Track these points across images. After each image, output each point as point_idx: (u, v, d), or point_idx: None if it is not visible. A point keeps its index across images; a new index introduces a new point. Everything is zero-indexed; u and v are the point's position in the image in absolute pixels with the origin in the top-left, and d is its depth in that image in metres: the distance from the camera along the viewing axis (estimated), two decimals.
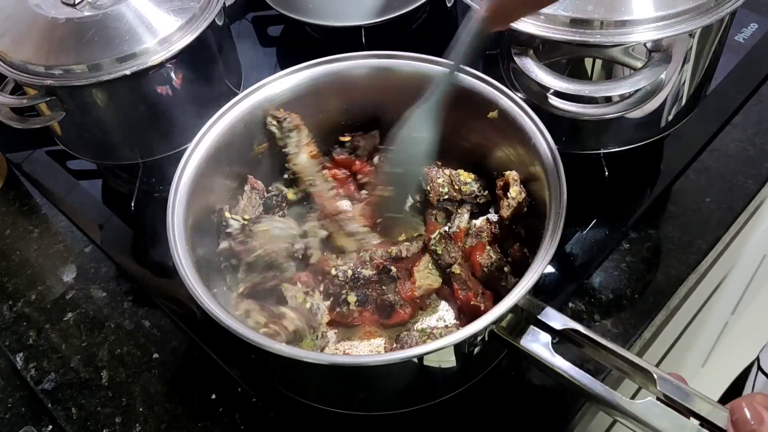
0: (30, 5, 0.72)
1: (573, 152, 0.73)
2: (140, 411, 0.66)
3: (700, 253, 0.73)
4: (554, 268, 0.72)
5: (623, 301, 0.69)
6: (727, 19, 0.66)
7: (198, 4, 0.73)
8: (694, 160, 0.81)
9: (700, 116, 0.79)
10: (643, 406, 0.47)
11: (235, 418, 0.64)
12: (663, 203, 0.77)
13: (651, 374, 0.48)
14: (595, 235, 0.74)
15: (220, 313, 0.53)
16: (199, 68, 0.76)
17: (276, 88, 0.70)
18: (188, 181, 0.63)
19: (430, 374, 0.57)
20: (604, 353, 0.52)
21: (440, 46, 0.73)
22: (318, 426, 0.63)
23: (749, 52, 0.90)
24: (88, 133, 0.77)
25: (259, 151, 0.72)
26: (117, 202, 0.84)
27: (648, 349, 0.80)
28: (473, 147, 0.73)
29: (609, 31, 0.62)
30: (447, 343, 0.50)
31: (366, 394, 0.60)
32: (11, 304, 0.76)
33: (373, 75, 0.71)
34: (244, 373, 0.67)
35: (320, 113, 0.74)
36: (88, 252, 0.80)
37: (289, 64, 0.71)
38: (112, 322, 0.73)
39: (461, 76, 0.67)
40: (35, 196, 0.88)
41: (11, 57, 0.71)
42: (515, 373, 0.65)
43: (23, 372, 0.70)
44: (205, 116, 0.66)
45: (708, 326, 1.38)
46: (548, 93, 0.65)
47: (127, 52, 0.69)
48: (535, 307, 0.53)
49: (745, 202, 0.77)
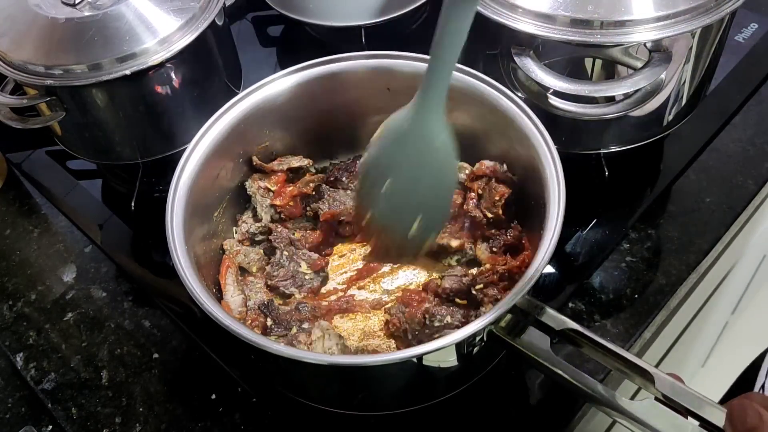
0: (30, 5, 0.72)
1: (573, 152, 0.73)
2: (140, 411, 0.66)
3: (700, 253, 0.73)
4: (554, 268, 0.72)
5: (623, 301, 0.69)
6: (727, 19, 0.66)
7: (198, 4, 0.73)
8: (694, 160, 0.81)
9: (700, 116, 0.79)
10: (643, 407, 0.47)
11: (235, 418, 0.64)
12: (663, 203, 0.77)
13: (650, 374, 0.48)
14: (595, 235, 0.74)
15: (219, 313, 0.53)
16: (199, 68, 0.76)
17: (276, 88, 0.70)
18: (188, 181, 0.63)
19: (430, 374, 0.57)
20: (604, 353, 0.52)
21: None
22: (318, 426, 0.63)
23: (749, 52, 0.90)
24: (88, 133, 0.77)
25: (259, 151, 0.72)
26: (117, 202, 0.84)
27: (648, 349, 0.80)
28: (472, 147, 0.73)
29: (609, 31, 0.62)
30: (446, 343, 0.50)
31: (365, 394, 0.60)
32: (11, 304, 0.76)
33: (373, 75, 0.71)
34: (244, 373, 0.67)
35: (320, 113, 0.74)
36: (88, 252, 0.80)
37: (289, 64, 0.70)
38: (112, 322, 0.73)
39: (459, 75, 0.66)
40: (35, 196, 0.88)
41: (11, 57, 0.71)
42: (515, 373, 0.65)
43: (23, 372, 0.70)
44: (205, 116, 0.66)
45: (708, 326, 1.38)
46: (548, 93, 0.65)
47: (127, 52, 0.69)
48: (534, 308, 0.53)
49: (745, 202, 0.77)
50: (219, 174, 0.68)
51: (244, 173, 0.72)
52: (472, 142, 0.72)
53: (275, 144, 0.74)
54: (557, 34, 0.62)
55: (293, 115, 0.72)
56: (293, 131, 0.74)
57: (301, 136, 0.75)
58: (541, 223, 0.57)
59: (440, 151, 0.54)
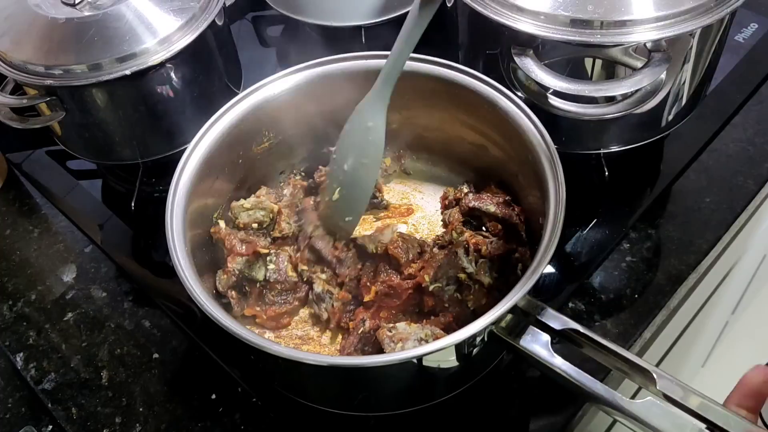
0: (30, 5, 0.72)
1: (573, 152, 0.73)
2: (140, 411, 0.66)
3: (700, 253, 0.73)
4: (554, 268, 0.72)
5: (623, 301, 0.69)
6: (727, 19, 0.66)
7: (198, 4, 0.73)
8: (694, 160, 0.81)
9: (700, 116, 0.79)
10: (643, 406, 0.47)
11: (235, 418, 0.64)
12: (663, 203, 0.77)
13: (651, 374, 0.48)
14: (595, 235, 0.74)
15: (219, 314, 0.53)
16: (199, 68, 0.76)
17: (276, 88, 0.70)
18: (187, 181, 0.63)
19: (430, 375, 0.57)
20: (604, 353, 0.52)
21: (440, 46, 0.73)
22: (318, 426, 0.63)
23: (749, 52, 0.90)
24: (88, 133, 0.77)
25: (259, 151, 0.72)
26: (117, 202, 0.84)
27: (648, 349, 0.80)
28: (472, 147, 0.73)
29: (609, 31, 0.62)
30: (447, 343, 0.50)
31: (365, 394, 0.60)
32: (11, 304, 0.76)
33: (373, 75, 0.71)
34: (244, 373, 0.67)
35: (320, 114, 0.74)
36: (88, 252, 0.80)
37: (289, 64, 0.71)
38: (112, 322, 0.73)
39: (443, 71, 0.68)
40: (35, 196, 0.88)
41: (11, 57, 0.71)
42: (515, 373, 0.65)
43: (23, 372, 0.70)
44: (205, 116, 0.66)
45: (708, 326, 1.38)
46: (548, 93, 0.65)
47: (127, 52, 0.69)
48: (534, 308, 0.53)
49: (745, 202, 0.77)
50: (219, 174, 0.68)
51: (244, 173, 0.72)
52: (472, 142, 0.73)
53: (275, 144, 0.74)
54: (557, 34, 0.62)
55: (293, 116, 0.72)
56: (293, 131, 0.74)
57: (301, 137, 0.75)
58: (541, 223, 0.57)
59: (371, 131, 0.62)
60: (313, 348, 0.67)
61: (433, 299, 0.64)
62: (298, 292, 0.68)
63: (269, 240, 0.70)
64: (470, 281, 0.64)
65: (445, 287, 0.64)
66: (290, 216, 0.71)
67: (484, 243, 0.65)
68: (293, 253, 0.69)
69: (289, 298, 0.68)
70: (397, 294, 0.64)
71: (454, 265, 0.64)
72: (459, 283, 0.64)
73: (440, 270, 0.64)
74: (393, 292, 0.64)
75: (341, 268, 0.67)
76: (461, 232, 0.68)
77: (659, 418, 0.47)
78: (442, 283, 0.64)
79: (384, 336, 0.58)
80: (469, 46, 0.75)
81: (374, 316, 0.65)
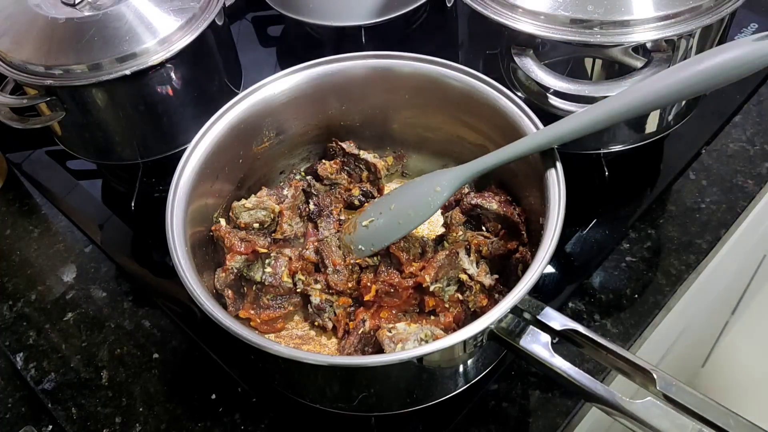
0: (30, 5, 0.72)
1: (573, 152, 0.73)
2: (140, 411, 0.66)
3: (700, 253, 0.73)
4: (554, 268, 0.72)
5: (623, 301, 0.69)
6: (727, 19, 0.66)
7: (198, 4, 0.74)
8: (694, 160, 0.81)
9: (700, 116, 0.79)
10: (643, 406, 0.47)
11: (235, 418, 0.64)
12: (663, 203, 0.77)
13: (651, 374, 0.48)
14: (595, 235, 0.74)
15: (219, 314, 0.53)
16: (199, 68, 0.76)
17: (276, 88, 0.70)
18: (187, 181, 0.63)
19: (430, 375, 0.57)
20: (604, 353, 0.52)
21: (440, 46, 0.73)
22: (318, 426, 0.63)
23: None
24: (88, 133, 0.77)
25: (259, 150, 0.72)
26: (117, 202, 0.84)
27: (648, 350, 0.80)
28: (472, 147, 0.73)
29: (609, 31, 0.62)
30: (447, 343, 0.50)
31: (365, 394, 0.60)
32: (11, 304, 0.76)
33: (373, 75, 0.71)
34: (244, 373, 0.67)
35: (320, 114, 0.74)
36: (88, 252, 0.80)
37: (289, 64, 0.70)
38: (112, 322, 0.73)
39: (443, 70, 0.68)
40: (35, 196, 0.88)
41: (11, 57, 0.71)
42: (515, 373, 0.65)
43: (23, 372, 0.70)
44: (205, 116, 0.66)
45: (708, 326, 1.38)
46: (548, 93, 0.65)
47: (127, 52, 0.69)
48: (534, 308, 0.53)
49: (745, 202, 0.77)
50: (219, 174, 0.68)
51: (245, 173, 0.72)
52: (472, 142, 0.72)
53: (275, 144, 0.74)
54: (557, 34, 0.62)
55: (293, 115, 0.72)
56: (293, 131, 0.74)
57: (301, 136, 0.75)
58: (541, 223, 0.57)
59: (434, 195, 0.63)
60: (313, 348, 0.67)
61: (433, 299, 0.64)
62: (293, 297, 0.68)
63: (270, 240, 0.70)
64: (471, 282, 0.64)
65: (445, 288, 0.64)
66: (292, 218, 0.71)
67: (484, 243, 0.66)
68: (294, 257, 0.68)
69: (284, 302, 0.67)
70: (398, 293, 0.64)
71: (455, 265, 0.64)
72: (460, 284, 0.64)
73: (441, 270, 0.64)
74: (393, 290, 0.64)
75: (334, 276, 0.67)
76: (462, 232, 0.68)
77: (659, 418, 0.47)
78: (443, 284, 0.64)
79: (384, 336, 0.58)
80: (469, 46, 0.75)
81: (374, 316, 0.65)
